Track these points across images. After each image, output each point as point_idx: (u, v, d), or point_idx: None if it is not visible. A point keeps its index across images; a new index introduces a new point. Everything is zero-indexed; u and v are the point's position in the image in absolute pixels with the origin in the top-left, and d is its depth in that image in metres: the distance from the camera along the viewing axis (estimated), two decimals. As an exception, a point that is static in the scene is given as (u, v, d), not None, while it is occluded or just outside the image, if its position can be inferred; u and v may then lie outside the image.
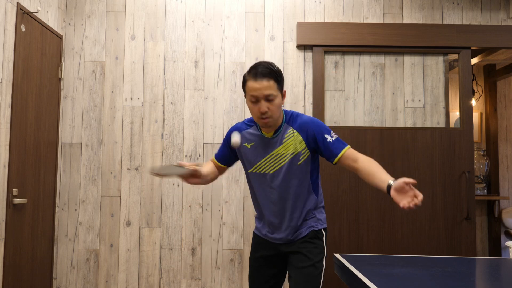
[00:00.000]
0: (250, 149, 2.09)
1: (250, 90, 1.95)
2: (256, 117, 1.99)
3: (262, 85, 1.92)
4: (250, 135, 2.10)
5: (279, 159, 2.04)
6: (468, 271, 1.83)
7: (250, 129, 2.12)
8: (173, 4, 3.60)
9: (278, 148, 2.04)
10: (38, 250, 3.14)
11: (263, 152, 2.06)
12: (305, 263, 2.03)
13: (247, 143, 2.10)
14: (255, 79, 1.93)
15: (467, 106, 3.59)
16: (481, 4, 3.70)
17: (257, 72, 1.94)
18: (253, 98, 1.95)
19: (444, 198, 3.49)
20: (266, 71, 1.94)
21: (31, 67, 3.02)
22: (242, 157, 2.14)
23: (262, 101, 1.94)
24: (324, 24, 3.58)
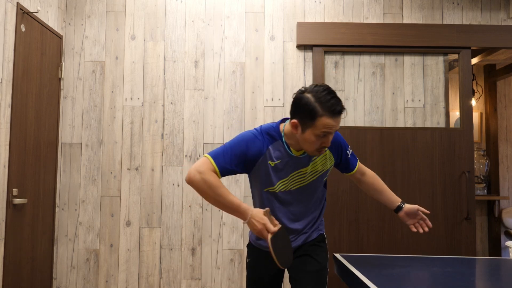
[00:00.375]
0: (274, 168, 1.89)
1: (325, 127, 1.74)
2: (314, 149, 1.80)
3: (337, 122, 1.76)
4: (276, 152, 1.88)
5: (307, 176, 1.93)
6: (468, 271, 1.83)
7: (274, 143, 1.88)
8: (173, 4, 3.60)
9: (306, 168, 1.91)
10: (38, 250, 3.14)
11: (288, 170, 1.90)
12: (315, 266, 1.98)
13: (272, 160, 1.87)
14: (333, 116, 1.74)
15: (467, 106, 3.59)
16: (481, 4, 3.70)
17: (336, 110, 1.74)
18: (323, 134, 1.76)
19: (444, 198, 3.49)
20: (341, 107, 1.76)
21: (31, 67, 3.02)
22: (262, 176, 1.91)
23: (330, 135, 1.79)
24: (324, 24, 3.58)
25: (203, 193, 1.78)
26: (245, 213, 1.76)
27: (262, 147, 1.86)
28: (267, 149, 1.86)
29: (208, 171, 1.77)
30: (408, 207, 2.07)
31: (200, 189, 1.78)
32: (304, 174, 1.92)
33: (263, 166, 1.88)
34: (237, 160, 1.84)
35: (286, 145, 1.88)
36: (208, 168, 1.78)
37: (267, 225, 1.72)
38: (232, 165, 1.83)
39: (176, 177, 3.50)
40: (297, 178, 1.92)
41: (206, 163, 1.79)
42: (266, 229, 1.72)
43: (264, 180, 1.90)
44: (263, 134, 1.88)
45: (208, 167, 1.79)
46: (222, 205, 1.77)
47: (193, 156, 3.51)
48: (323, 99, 1.75)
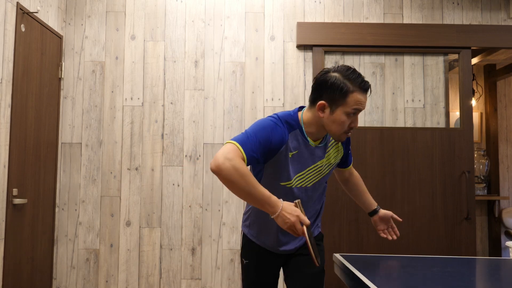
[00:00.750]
0: (292, 159, 1.77)
1: (356, 103, 1.70)
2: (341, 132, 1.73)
3: (366, 99, 1.73)
4: (294, 142, 1.77)
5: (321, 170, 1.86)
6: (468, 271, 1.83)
7: (292, 133, 1.77)
8: (173, 4, 3.60)
9: (322, 160, 1.85)
10: (38, 250, 3.14)
11: (306, 163, 1.81)
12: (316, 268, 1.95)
13: (291, 151, 1.77)
14: (364, 91, 1.71)
15: (467, 106, 3.59)
16: (481, 4, 3.70)
17: (366, 86, 1.72)
18: (356, 111, 1.71)
19: (444, 198, 3.49)
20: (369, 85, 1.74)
21: (31, 67, 3.02)
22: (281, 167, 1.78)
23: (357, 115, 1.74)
24: (324, 24, 3.58)
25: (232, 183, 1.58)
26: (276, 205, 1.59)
27: (284, 135, 1.73)
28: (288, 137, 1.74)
29: (237, 158, 1.59)
30: (383, 212, 2.11)
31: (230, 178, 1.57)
32: (320, 168, 1.84)
33: (283, 157, 1.75)
34: (262, 148, 1.69)
35: (305, 135, 1.78)
36: (237, 155, 1.60)
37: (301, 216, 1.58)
38: (258, 153, 1.68)
39: (176, 177, 3.50)
40: (313, 173, 1.84)
41: (234, 150, 1.61)
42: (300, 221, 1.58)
43: (283, 172, 1.77)
44: (282, 122, 1.76)
45: (237, 154, 1.60)
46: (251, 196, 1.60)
47: (193, 156, 3.51)
48: (351, 76, 1.70)
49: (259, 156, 1.68)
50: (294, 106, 3.56)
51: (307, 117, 1.78)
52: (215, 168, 1.58)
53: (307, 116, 1.78)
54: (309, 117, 1.78)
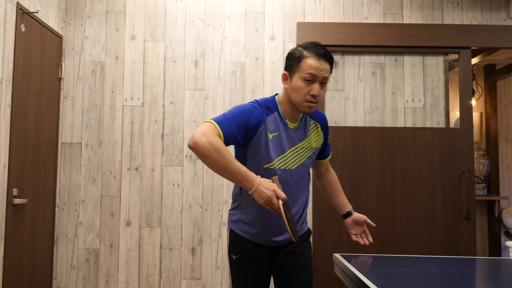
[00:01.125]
0: (272, 140, 1.82)
1: (310, 68, 1.76)
2: (303, 100, 1.78)
3: (323, 67, 1.78)
4: (273, 124, 1.83)
5: (303, 153, 1.90)
6: (468, 271, 1.83)
7: (271, 116, 1.84)
8: (173, 4, 3.60)
9: (303, 142, 1.89)
10: (38, 250, 3.14)
11: (286, 145, 1.85)
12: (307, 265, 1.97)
13: (270, 132, 1.82)
14: (318, 58, 1.77)
15: (467, 106, 3.59)
16: (481, 4, 3.70)
17: (320, 52, 1.78)
18: (310, 77, 1.76)
19: (444, 198, 3.49)
20: (329, 54, 1.81)
21: (31, 67, 3.02)
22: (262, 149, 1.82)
23: (318, 83, 1.78)
24: (324, 24, 3.58)
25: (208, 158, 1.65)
26: (253, 180, 1.65)
27: (261, 116, 1.81)
28: (266, 119, 1.81)
29: (214, 135, 1.66)
30: (357, 215, 2.08)
31: (206, 153, 1.64)
32: (302, 150, 1.90)
33: (263, 138, 1.81)
34: (240, 128, 1.76)
35: (282, 116, 1.85)
36: (214, 132, 1.67)
37: (277, 191, 1.63)
38: (235, 133, 1.74)
39: (176, 177, 3.50)
40: (295, 155, 1.88)
41: (211, 127, 1.69)
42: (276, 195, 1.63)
43: (264, 154, 1.82)
44: (261, 105, 1.84)
45: (213, 130, 1.68)
46: (228, 171, 1.66)
47: (193, 156, 3.51)
48: (309, 45, 1.82)
49: (237, 134, 1.75)
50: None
51: (281, 97, 1.88)
52: (192, 143, 1.65)
53: (281, 96, 1.88)
54: (282, 96, 1.88)
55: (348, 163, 3.50)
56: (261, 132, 1.80)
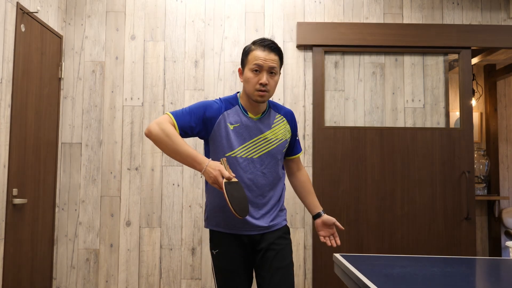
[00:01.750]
0: (234, 131, 1.96)
1: (255, 59, 1.93)
2: (253, 89, 1.93)
3: (269, 57, 1.93)
4: (234, 116, 1.98)
5: (267, 143, 2.01)
6: (468, 271, 1.83)
7: (231, 108, 2.00)
8: (173, 4, 3.60)
9: (267, 132, 2.01)
10: (38, 250, 3.14)
11: (249, 135, 1.98)
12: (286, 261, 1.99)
13: (231, 123, 1.97)
14: (263, 49, 1.94)
15: (467, 106, 3.59)
16: (481, 4, 3.70)
17: (265, 44, 1.94)
18: (257, 67, 1.93)
19: (444, 198, 3.49)
20: (275, 45, 1.96)
21: (31, 67, 3.02)
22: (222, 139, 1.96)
23: (265, 72, 1.93)
24: (324, 24, 3.58)
25: (160, 143, 1.86)
26: (202, 163, 1.81)
27: (219, 109, 1.97)
28: (224, 112, 1.97)
29: (166, 123, 1.88)
30: (326, 217, 2.13)
31: (158, 139, 1.86)
32: (265, 140, 2.00)
33: (222, 128, 1.96)
34: (196, 118, 1.94)
35: (243, 109, 2.00)
36: (167, 121, 1.89)
37: (222, 171, 1.78)
38: (191, 122, 1.93)
39: (176, 177, 3.50)
40: (258, 144, 1.99)
41: (165, 117, 1.91)
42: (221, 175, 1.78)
43: (225, 144, 1.95)
44: (222, 101, 2.02)
45: (166, 120, 1.89)
46: (180, 155, 1.84)
47: (193, 156, 3.51)
48: (256, 40, 1.98)
49: (192, 124, 1.93)
50: (294, 105, 3.56)
51: (242, 92, 2.04)
52: (146, 131, 1.88)
53: (242, 91, 2.05)
54: (242, 91, 2.04)
55: (348, 163, 3.50)
56: (219, 124, 1.96)
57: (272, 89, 1.97)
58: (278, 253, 1.99)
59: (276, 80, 1.98)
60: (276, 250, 1.99)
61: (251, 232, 2.00)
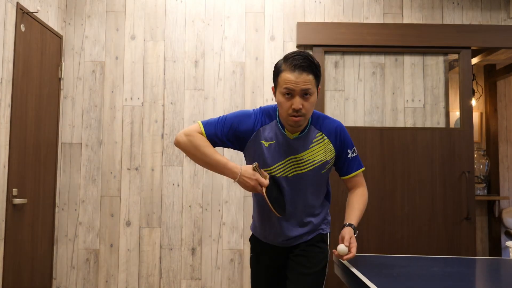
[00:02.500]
0: (268, 148, 1.84)
1: (286, 82, 1.71)
2: (286, 114, 1.75)
3: (300, 79, 1.70)
4: (270, 132, 1.84)
5: (303, 164, 1.85)
6: (468, 271, 1.83)
7: (268, 124, 1.85)
8: (173, 4, 3.60)
9: (303, 153, 1.84)
10: (38, 250, 3.14)
11: (283, 154, 1.84)
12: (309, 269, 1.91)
13: (265, 140, 1.84)
14: (293, 70, 1.71)
15: (467, 106, 3.59)
16: (481, 4, 3.70)
17: (296, 63, 1.71)
18: (288, 91, 1.72)
19: (444, 198, 3.49)
20: (306, 63, 1.71)
21: (31, 67, 3.02)
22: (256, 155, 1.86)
23: (297, 96, 1.71)
24: (324, 24, 3.58)
25: (189, 153, 1.83)
26: (234, 171, 1.75)
27: (254, 125, 1.85)
28: (259, 128, 1.85)
29: (195, 133, 1.82)
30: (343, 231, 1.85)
31: (186, 150, 1.82)
32: (301, 161, 1.84)
33: (255, 145, 1.85)
34: (227, 131, 1.84)
35: (281, 125, 1.85)
36: (196, 131, 1.83)
37: (259, 180, 1.74)
38: (222, 135, 1.84)
39: (176, 177, 3.50)
40: (293, 164, 1.85)
41: (194, 127, 1.85)
42: (259, 183, 1.74)
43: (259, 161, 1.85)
44: (261, 113, 1.88)
45: (195, 130, 1.84)
46: (210, 165, 1.80)
47: (193, 156, 3.51)
48: (287, 56, 1.77)
49: (224, 138, 1.84)
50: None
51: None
52: (175, 142, 1.85)
53: None
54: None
55: (348, 163, 3.50)
56: (252, 140, 1.85)
57: (309, 112, 1.77)
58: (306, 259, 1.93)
59: (312, 102, 1.76)
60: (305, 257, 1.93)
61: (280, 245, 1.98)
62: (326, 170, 1.91)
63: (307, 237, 1.96)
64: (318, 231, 1.98)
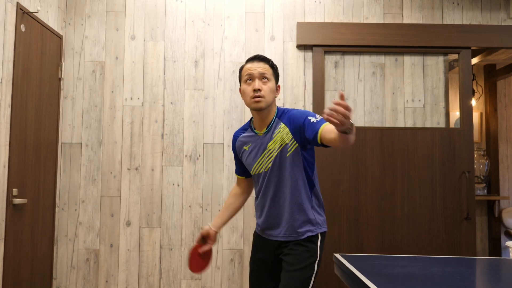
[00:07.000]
0: (249, 151, 2.11)
1: (246, 71, 2.05)
2: (249, 98, 2.02)
3: (258, 65, 2.04)
4: (246, 138, 2.14)
5: (270, 154, 2.05)
6: (468, 271, 1.83)
7: (245, 132, 2.16)
8: (173, 4, 3.60)
9: (269, 143, 2.05)
10: (38, 250, 3.14)
11: (259, 151, 2.08)
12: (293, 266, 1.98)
13: (245, 146, 2.13)
14: (251, 61, 2.06)
15: (467, 106, 3.59)
16: (481, 4, 3.70)
17: (253, 57, 2.08)
18: (248, 76, 2.03)
19: (444, 198, 3.49)
20: (262, 57, 2.08)
21: (31, 67, 3.02)
22: (245, 161, 2.15)
23: (257, 79, 2.01)
24: (324, 24, 3.58)
25: None
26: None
27: (235, 139, 2.20)
28: (238, 139, 2.18)
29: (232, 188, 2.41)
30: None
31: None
32: (269, 151, 2.05)
33: (242, 153, 2.16)
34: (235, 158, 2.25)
35: (253, 128, 2.13)
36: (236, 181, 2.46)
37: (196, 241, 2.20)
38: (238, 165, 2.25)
39: (176, 177, 3.50)
40: (265, 158, 2.06)
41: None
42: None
43: (247, 166, 2.14)
44: (240, 129, 2.22)
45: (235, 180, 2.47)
46: None
47: (193, 156, 3.51)
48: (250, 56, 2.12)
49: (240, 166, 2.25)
50: (294, 106, 3.56)
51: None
52: None
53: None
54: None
55: (348, 163, 3.50)
56: (239, 150, 2.18)
57: (268, 95, 2.01)
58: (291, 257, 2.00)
59: (270, 87, 2.03)
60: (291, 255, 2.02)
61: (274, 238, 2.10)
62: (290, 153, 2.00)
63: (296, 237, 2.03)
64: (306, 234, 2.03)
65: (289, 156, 2.01)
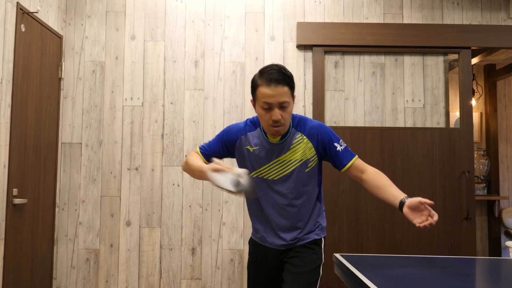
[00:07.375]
0: (253, 153, 1.97)
1: (263, 97, 1.82)
2: (267, 125, 1.87)
3: (276, 92, 1.80)
4: (254, 138, 1.98)
5: (286, 165, 1.95)
6: (468, 271, 1.83)
7: (254, 131, 1.99)
8: (173, 4, 3.60)
9: (285, 154, 1.94)
10: (38, 250, 3.14)
11: (268, 157, 1.95)
12: (301, 269, 1.95)
13: (251, 146, 1.98)
14: (268, 85, 1.81)
15: (467, 106, 3.59)
16: (481, 4, 3.70)
17: (271, 77, 1.81)
18: (266, 105, 1.82)
19: (444, 198, 3.49)
20: (281, 76, 1.82)
21: (31, 67, 3.02)
22: (243, 160, 2.00)
23: (276, 108, 1.82)
24: (324, 24, 3.58)
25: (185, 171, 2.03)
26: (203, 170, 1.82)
27: (238, 133, 2.00)
28: (243, 135, 1.99)
29: (189, 154, 2.04)
30: (409, 202, 1.77)
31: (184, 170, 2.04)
32: (284, 162, 1.94)
33: (242, 151, 1.99)
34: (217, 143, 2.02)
35: (264, 133, 1.96)
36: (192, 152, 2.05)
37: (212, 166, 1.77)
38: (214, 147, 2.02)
39: (176, 177, 3.50)
40: (278, 166, 1.95)
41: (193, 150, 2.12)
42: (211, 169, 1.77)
43: (247, 165, 1.98)
44: (247, 122, 2.02)
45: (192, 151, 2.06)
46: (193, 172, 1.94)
47: (193, 156, 3.51)
48: (263, 70, 1.86)
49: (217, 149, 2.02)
50: (294, 106, 3.56)
51: None
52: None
53: None
54: None
55: (348, 163, 3.50)
56: (238, 147, 2.00)
57: (288, 121, 1.89)
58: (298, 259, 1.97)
59: (290, 111, 1.88)
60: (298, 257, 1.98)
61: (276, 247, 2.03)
62: (310, 169, 1.98)
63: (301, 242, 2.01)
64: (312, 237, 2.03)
65: (308, 170, 1.97)
